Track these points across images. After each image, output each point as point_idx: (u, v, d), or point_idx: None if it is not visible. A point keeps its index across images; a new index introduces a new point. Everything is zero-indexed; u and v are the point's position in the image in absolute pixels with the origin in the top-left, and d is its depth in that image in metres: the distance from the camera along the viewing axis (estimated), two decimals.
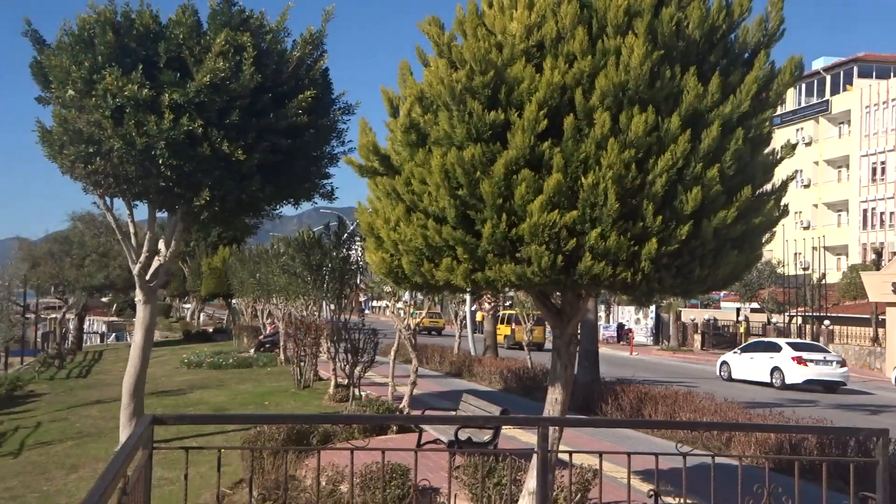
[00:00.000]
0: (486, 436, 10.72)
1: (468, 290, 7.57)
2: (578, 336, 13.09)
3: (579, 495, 7.58)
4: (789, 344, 29.10)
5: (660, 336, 53.05)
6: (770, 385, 27.67)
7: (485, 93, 6.59)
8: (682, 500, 4.94)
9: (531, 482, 7.89)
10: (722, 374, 30.38)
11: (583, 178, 6.42)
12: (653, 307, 49.59)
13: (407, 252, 7.26)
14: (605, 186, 6.32)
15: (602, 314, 49.75)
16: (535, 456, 7.92)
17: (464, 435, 10.51)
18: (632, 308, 53.75)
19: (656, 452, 4.80)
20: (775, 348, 28.66)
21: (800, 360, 27.28)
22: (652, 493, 4.90)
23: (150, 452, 4.34)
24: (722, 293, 51.52)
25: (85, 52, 12.23)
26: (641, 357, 41.34)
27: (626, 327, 52.77)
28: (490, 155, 6.59)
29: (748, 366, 29.20)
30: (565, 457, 7.61)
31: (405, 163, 7.25)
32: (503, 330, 40.10)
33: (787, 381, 27.19)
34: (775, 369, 27.78)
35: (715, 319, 52.08)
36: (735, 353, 30.98)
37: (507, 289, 8.49)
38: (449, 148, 6.71)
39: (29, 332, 40.23)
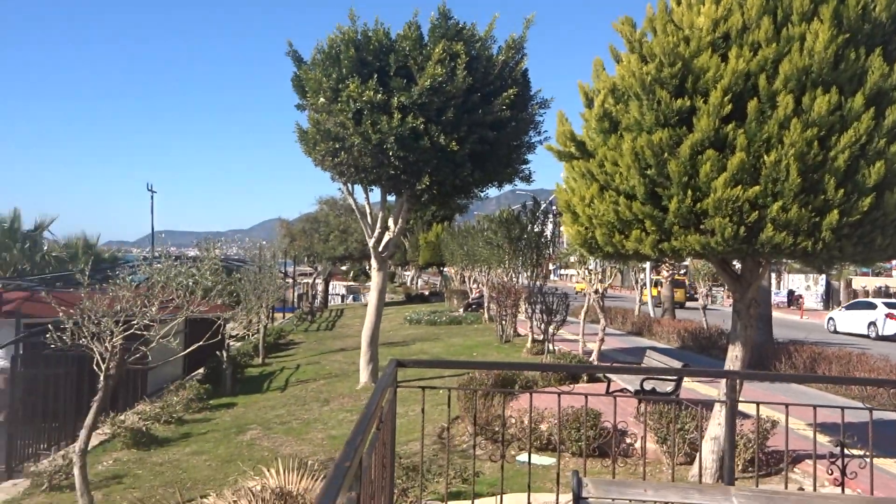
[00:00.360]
0: (668, 387, 10.40)
1: (655, 258, 7.32)
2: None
3: (758, 443, 7.18)
4: (884, 303, 29.47)
5: (829, 302, 48.92)
6: (867, 336, 28.07)
7: (672, 83, 6.31)
8: (866, 452, 4.54)
9: (713, 429, 7.57)
10: (829, 327, 30.98)
11: (765, 156, 6.01)
12: (823, 275, 45.99)
13: (600, 225, 7.13)
14: (787, 163, 5.89)
15: (773, 281, 46.59)
16: (717, 405, 7.61)
17: (648, 385, 10.26)
18: (802, 276, 50.07)
19: (842, 406, 4.43)
20: (872, 306, 29.31)
21: (891, 316, 27.75)
22: (838, 443, 4.53)
23: (394, 390, 4.53)
24: (894, 262, 46.60)
25: (333, 66, 12.85)
26: (812, 321, 38.41)
27: (797, 293, 49.19)
28: (677, 138, 6.31)
29: (849, 320, 29.79)
30: (742, 408, 7.23)
31: (598, 147, 7.10)
32: (651, 291, 39.51)
33: (881, 333, 27.73)
34: (871, 323, 28.42)
35: (886, 287, 47.34)
36: (840, 310, 31.87)
37: (689, 257, 8.16)
38: (639, 133, 6.50)
39: (288, 293, 43.04)
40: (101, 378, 8.23)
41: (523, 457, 8.95)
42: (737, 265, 8.20)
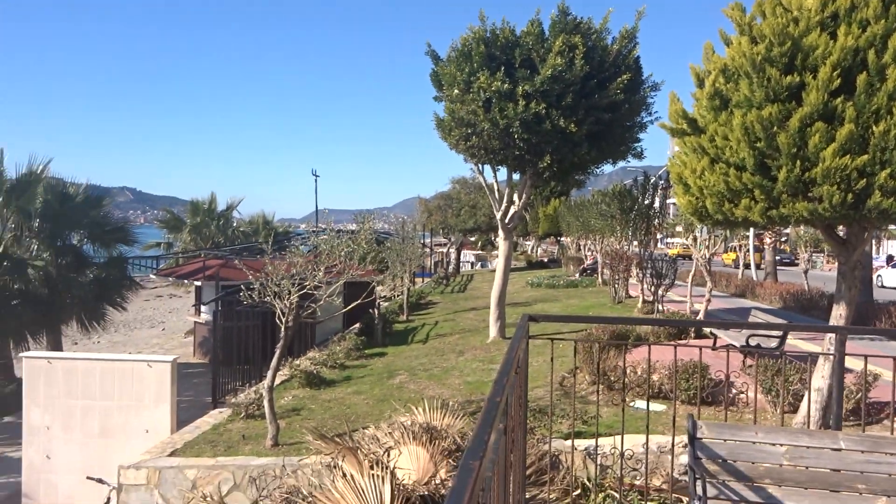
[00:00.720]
0: (772, 343, 9.88)
1: (763, 224, 6.96)
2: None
3: (865, 392, 6.75)
4: None
5: None
6: None
7: (782, 61, 5.94)
8: None
9: (817, 381, 7.18)
10: (877, 282, 30.76)
11: (874, 127, 5.57)
12: None
13: (710, 195, 6.85)
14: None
15: (872, 246, 42.85)
16: (821, 359, 7.20)
17: (753, 341, 9.79)
18: None
19: None
20: None
21: None
22: None
23: (527, 341, 4.59)
24: None
25: (465, 62, 12.90)
26: None
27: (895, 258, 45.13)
28: (786, 112, 5.95)
29: (893, 276, 30.71)
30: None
31: (709, 124, 6.80)
32: (730, 256, 37.91)
33: None
34: None
35: None
36: (886, 268, 32.65)
37: (796, 223, 7.69)
38: (749, 109, 6.18)
39: (427, 261, 43.97)
40: (282, 329, 8.80)
41: (638, 403, 8.85)
42: (841, 231, 7.67)
